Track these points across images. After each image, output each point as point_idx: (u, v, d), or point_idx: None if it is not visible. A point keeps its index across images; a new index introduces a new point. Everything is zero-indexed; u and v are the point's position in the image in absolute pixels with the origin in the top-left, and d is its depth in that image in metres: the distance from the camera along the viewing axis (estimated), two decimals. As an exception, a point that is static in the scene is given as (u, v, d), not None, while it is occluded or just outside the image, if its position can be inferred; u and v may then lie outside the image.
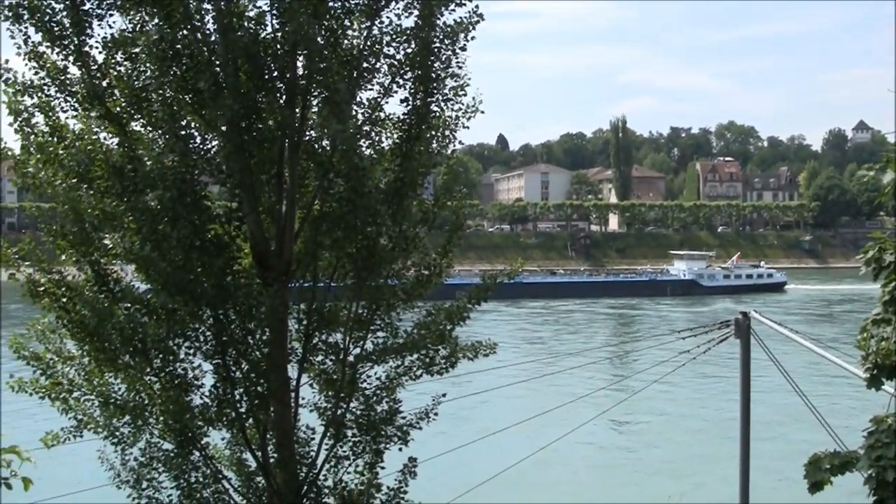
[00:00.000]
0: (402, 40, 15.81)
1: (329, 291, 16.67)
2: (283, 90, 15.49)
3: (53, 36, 15.22)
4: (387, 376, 16.79)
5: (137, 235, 15.04)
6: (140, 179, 14.64)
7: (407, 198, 15.96)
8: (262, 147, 15.40)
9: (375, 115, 16.10)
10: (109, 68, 15.61)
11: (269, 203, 15.93)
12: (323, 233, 15.79)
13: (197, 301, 15.19)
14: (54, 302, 15.62)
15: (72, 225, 15.25)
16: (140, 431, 16.26)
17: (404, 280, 16.77)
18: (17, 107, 15.70)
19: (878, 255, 9.79)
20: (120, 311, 15.45)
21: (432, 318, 16.72)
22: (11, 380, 16.57)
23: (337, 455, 16.74)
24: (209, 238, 15.25)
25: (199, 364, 15.95)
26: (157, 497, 16.46)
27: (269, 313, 15.42)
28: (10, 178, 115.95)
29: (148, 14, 15.16)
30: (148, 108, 15.38)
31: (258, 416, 16.08)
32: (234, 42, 14.85)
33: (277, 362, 15.84)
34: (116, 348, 15.24)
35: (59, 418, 16.60)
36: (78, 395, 16.48)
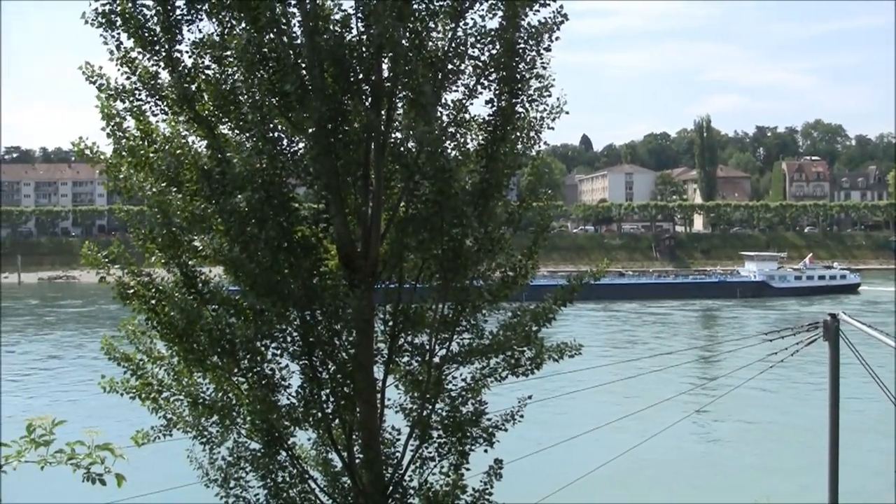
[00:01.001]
0: (487, 41, 15.77)
1: (415, 293, 16.68)
2: (369, 92, 15.58)
3: (145, 42, 15.54)
4: (472, 377, 16.73)
5: (226, 237, 15.22)
6: (229, 182, 14.80)
7: (492, 199, 15.91)
8: (349, 149, 15.50)
9: (460, 116, 16.10)
10: (198, 72, 15.85)
11: (355, 205, 16.03)
12: (409, 234, 15.83)
13: (284, 302, 15.30)
14: (144, 303, 15.87)
15: (161, 227, 15.46)
16: (228, 431, 16.43)
17: (490, 281, 16.71)
18: (109, 111, 16.05)
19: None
20: (208, 312, 15.65)
21: (518, 319, 16.66)
22: (103, 380, 16.91)
23: (422, 456, 16.73)
24: (297, 239, 15.36)
25: (286, 364, 16.06)
26: (244, 496, 16.61)
27: (355, 314, 15.46)
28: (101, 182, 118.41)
29: (235, 18, 15.35)
30: (236, 111, 15.57)
31: (344, 416, 16.14)
32: (319, 45, 15.00)
33: (363, 363, 15.90)
34: (205, 349, 15.44)
35: (150, 417, 16.86)
36: (167, 395, 16.74)
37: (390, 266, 16.27)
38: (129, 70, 15.94)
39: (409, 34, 15.22)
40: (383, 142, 15.69)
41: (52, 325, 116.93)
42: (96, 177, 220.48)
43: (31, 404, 63.61)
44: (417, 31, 15.36)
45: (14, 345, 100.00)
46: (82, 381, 68.47)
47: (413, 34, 15.28)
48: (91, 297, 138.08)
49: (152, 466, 23.74)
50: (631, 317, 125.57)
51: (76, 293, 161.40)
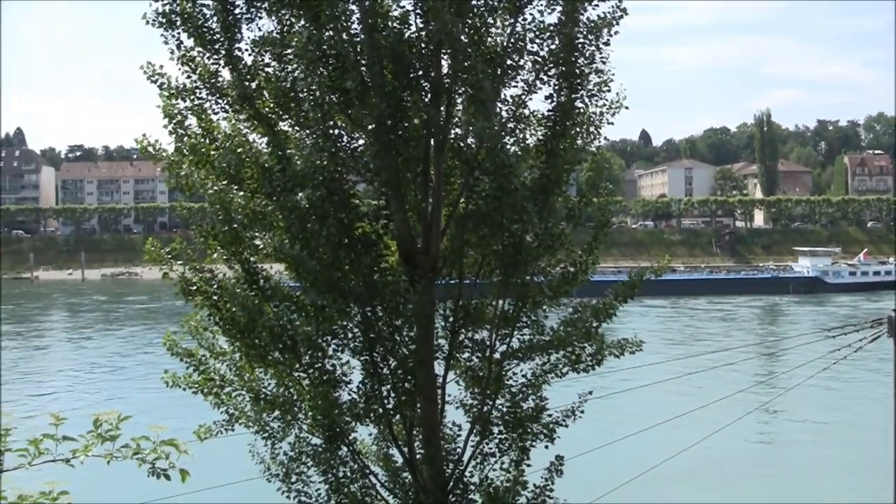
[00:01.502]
0: (546, 37, 15.72)
1: (475, 288, 16.69)
2: (428, 89, 15.58)
3: (205, 41, 15.68)
4: (533, 373, 16.71)
5: (287, 234, 15.29)
6: (289, 179, 14.87)
7: (552, 195, 15.85)
8: (409, 145, 15.54)
9: (519, 112, 16.06)
10: (258, 70, 15.95)
11: (415, 201, 16.06)
12: (469, 230, 15.84)
13: (345, 298, 15.38)
14: (206, 300, 16.00)
15: (222, 224, 15.56)
16: (289, 426, 16.55)
17: (550, 277, 16.68)
18: (170, 110, 16.23)
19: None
20: (270, 308, 15.73)
21: (578, 315, 16.61)
22: (166, 375, 17.10)
23: (483, 452, 16.73)
24: (357, 236, 15.41)
25: (348, 360, 16.12)
26: (305, 491, 16.71)
27: (416, 310, 15.49)
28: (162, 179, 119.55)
29: (295, 16, 15.42)
30: (296, 108, 15.66)
31: (405, 412, 16.18)
32: (379, 42, 15.03)
33: (424, 359, 15.93)
34: (266, 345, 15.52)
35: (213, 412, 17.01)
36: (229, 391, 16.89)
37: (451, 262, 16.29)
38: (189, 69, 16.11)
39: (468, 30, 15.19)
40: (443, 138, 15.70)
41: (120, 321, 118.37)
42: (158, 174, 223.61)
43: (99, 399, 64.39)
44: (476, 27, 15.34)
45: (85, 340, 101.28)
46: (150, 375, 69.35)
47: (472, 30, 15.27)
48: (156, 292, 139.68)
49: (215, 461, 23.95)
50: (683, 313, 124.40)
51: (140, 289, 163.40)
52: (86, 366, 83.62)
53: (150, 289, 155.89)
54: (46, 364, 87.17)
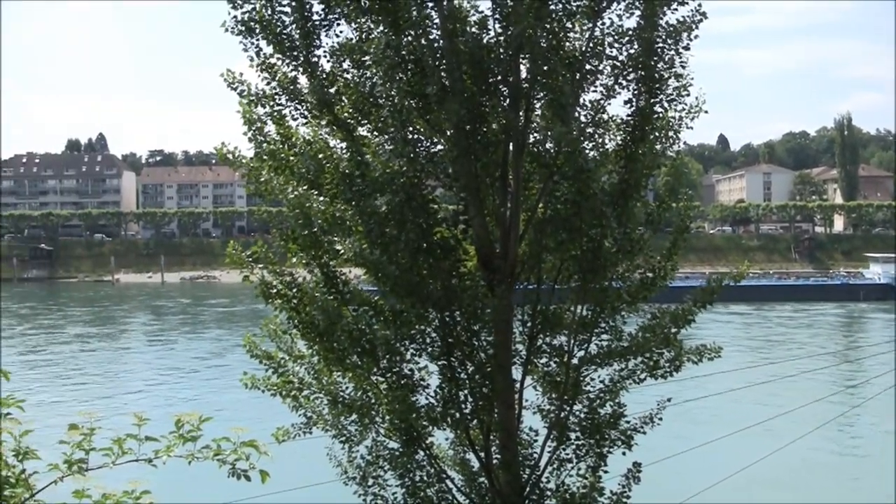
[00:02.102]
0: (625, 41, 15.65)
1: (553, 294, 16.64)
2: (507, 93, 15.56)
3: (283, 48, 15.82)
4: (610, 379, 16.61)
5: (366, 239, 15.37)
6: (369, 184, 14.94)
7: (631, 199, 15.77)
8: (488, 150, 15.55)
9: (598, 116, 15.99)
10: (337, 76, 16.05)
11: (493, 206, 16.03)
12: (547, 235, 15.79)
13: (424, 303, 15.41)
14: (286, 303, 16.12)
15: (302, 229, 15.67)
16: (367, 430, 16.62)
17: (629, 283, 16.60)
18: (250, 116, 16.38)
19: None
20: (348, 312, 15.83)
21: (657, 321, 16.49)
22: (245, 377, 17.26)
23: (560, 458, 16.66)
24: (436, 241, 15.45)
25: (425, 365, 16.16)
26: (382, 494, 16.77)
27: (494, 315, 15.50)
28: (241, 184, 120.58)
29: (374, 22, 15.50)
30: (375, 113, 15.74)
31: (482, 417, 16.15)
32: (458, 47, 15.05)
33: (502, 364, 15.87)
34: (345, 349, 15.60)
35: (291, 415, 17.14)
36: (307, 393, 16.99)
37: (529, 267, 16.24)
38: (268, 76, 16.27)
39: (547, 35, 15.16)
40: (522, 142, 15.66)
41: (205, 324, 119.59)
42: (236, 179, 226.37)
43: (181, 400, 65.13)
44: (555, 32, 15.30)
45: (172, 342, 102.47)
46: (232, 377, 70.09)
47: (550, 34, 15.23)
48: (238, 296, 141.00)
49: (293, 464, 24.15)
50: (749, 320, 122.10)
51: (219, 292, 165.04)
52: (170, 367, 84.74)
53: (228, 292, 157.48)
54: (131, 365, 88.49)
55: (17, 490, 5.76)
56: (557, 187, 15.50)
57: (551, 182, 15.54)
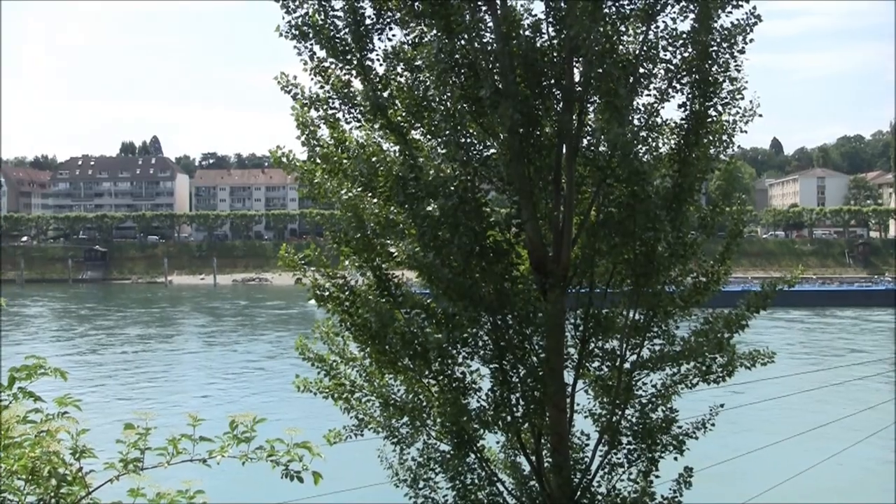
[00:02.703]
0: (679, 45, 15.58)
1: (605, 298, 16.60)
2: (561, 96, 15.52)
3: (337, 51, 15.88)
4: (662, 384, 16.56)
5: (419, 242, 15.42)
6: (422, 188, 14.98)
7: (685, 203, 15.69)
8: (541, 153, 15.53)
9: (652, 120, 15.92)
10: (391, 80, 16.11)
11: (546, 209, 16.01)
12: (600, 239, 15.73)
13: (476, 306, 15.42)
14: (338, 305, 16.20)
15: (355, 231, 15.75)
16: (418, 432, 16.64)
17: (682, 287, 16.52)
18: (304, 120, 16.48)
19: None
20: (401, 315, 15.87)
21: (710, 325, 16.40)
22: (297, 379, 17.37)
23: (611, 462, 16.61)
24: (489, 244, 15.47)
25: (477, 368, 16.16)
26: (433, 497, 16.79)
27: (546, 319, 15.48)
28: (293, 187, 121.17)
29: (427, 26, 15.54)
30: (428, 117, 15.77)
31: (534, 420, 16.11)
32: (512, 50, 15.06)
33: (554, 368, 15.85)
34: (397, 351, 15.64)
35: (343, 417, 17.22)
36: (359, 396, 17.08)
37: (581, 271, 16.20)
38: (322, 79, 16.37)
39: (601, 38, 15.12)
40: (575, 145, 15.64)
41: (264, 326, 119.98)
42: (289, 182, 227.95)
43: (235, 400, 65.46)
44: (608, 35, 15.26)
45: (232, 344, 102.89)
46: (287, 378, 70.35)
47: (604, 38, 15.19)
48: (292, 298, 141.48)
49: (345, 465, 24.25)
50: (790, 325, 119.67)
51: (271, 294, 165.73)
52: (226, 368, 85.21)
53: (280, 294, 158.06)
54: (188, 366, 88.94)
55: (73, 488, 5.83)
56: (611, 190, 15.46)
57: (605, 185, 15.50)
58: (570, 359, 16.46)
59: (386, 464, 17.29)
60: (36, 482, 5.65)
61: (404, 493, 17.04)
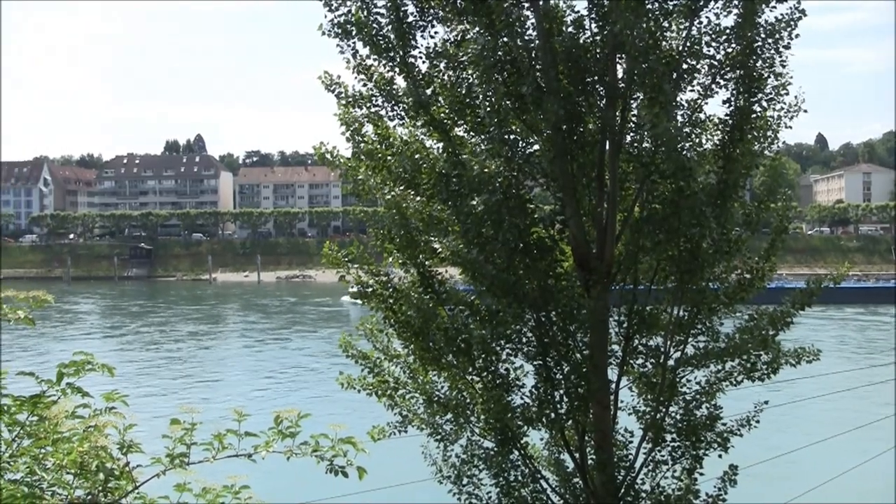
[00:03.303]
0: (722, 40, 15.48)
1: (650, 294, 16.55)
2: (604, 92, 15.48)
3: (380, 49, 15.94)
4: (707, 381, 16.48)
5: (462, 239, 15.44)
6: (465, 184, 14.99)
7: (730, 199, 15.60)
8: (584, 150, 15.50)
9: (695, 116, 15.83)
10: (434, 77, 16.13)
11: (590, 206, 15.98)
12: (644, 235, 15.64)
13: (520, 303, 15.39)
14: (382, 302, 16.26)
15: (399, 228, 15.80)
16: (462, 429, 16.64)
17: (726, 284, 16.43)
18: (347, 118, 16.55)
19: None
20: (444, 312, 15.91)
21: (755, 322, 16.29)
22: (341, 376, 17.45)
23: (655, 459, 16.54)
24: (532, 241, 15.44)
25: (521, 365, 16.15)
26: (476, 494, 16.76)
27: (590, 316, 15.45)
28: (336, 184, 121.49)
29: (469, 23, 15.54)
30: (472, 114, 15.77)
31: (578, 417, 16.06)
32: (554, 47, 15.03)
33: (598, 364, 15.83)
34: (440, 348, 15.67)
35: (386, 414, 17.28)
36: (403, 393, 17.12)
37: (625, 267, 16.14)
38: (365, 77, 16.43)
39: (644, 34, 15.04)
40: (618, 142, 15.59)
41: (314, 322, 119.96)
42: (332, 179, 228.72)
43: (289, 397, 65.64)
44: (651, 31, 15.17)
45: (280, 340, 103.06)
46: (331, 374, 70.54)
47: (647, 33, 15.11)
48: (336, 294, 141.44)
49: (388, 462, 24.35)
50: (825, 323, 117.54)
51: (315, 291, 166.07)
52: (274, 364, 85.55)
53: (324, 291, 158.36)
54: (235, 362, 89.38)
55: (120, 482, 5.88)
56: (655, 187, 15.39)
57: (649, 182, 15.43)
58: (613, 356, 16.42)
59: (430, 460, 17.30)
60: (84, 476, 5.71)
61: (448, 489, 17.05)
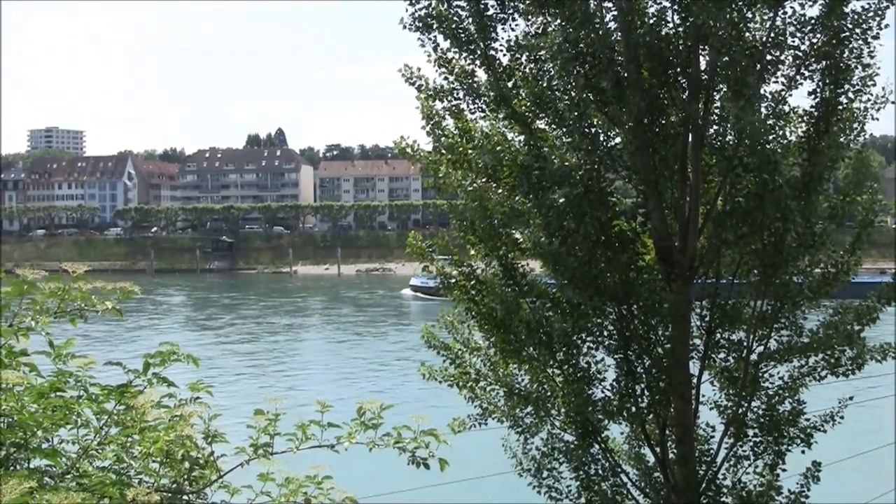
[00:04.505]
0: (807, 30, 15.23)
1: (732, 288, 16.39)
2: (686, 85, 15.34)
3: (460, 42, 15.94)
4: (790, 376, 16.30)
5: (544, 231, 15.43)
6: (547, 177, 14.95)
7: (814, 192, 15.40)
8: (667, 142, 15.39)
9: (779, 108, 15.64)
10: (515, 70, 16.12)
11: (672, 199, 15.87)
12: (727, 229, 15.47)
13: (602, 296, 15.34)
14: (464, 294, 16.33)
15: (481, 221, 15.86)
16: (542, 422, 16.64)
17: (810, 278, 16.24)
18: (429, 111, 16.62)
19: None
20: (526, 304, 15.93)
21: (839, 317, 16.08)
22: (422, 367, 17.56)
23: (737, 454, 16.38)
24: (614, 234, 15.39)
25: (602, 358, 16.12)
26: (556, 487, 16.76)
27: (672, 309, 15.33)
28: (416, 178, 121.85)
29: (550, 16, 15.51)
30: (553, 106, 15.73)
31: (659, 411, 15.96)
32: (635, 39, 14.94)
33: (680, 358, 15.72)
34: (522, 340, 15.70)
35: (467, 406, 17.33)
36: (483, 385, 17.14)
37: (707, 261, 16.01)
38: (446, 70, 16.46)
39: (727, 25, 14.89)
40: (701, 134, 15.46)
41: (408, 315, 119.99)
42: (412, 173, 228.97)
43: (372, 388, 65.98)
44: (734, 22, 15.01)
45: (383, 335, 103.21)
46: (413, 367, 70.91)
47: (731, 25, 14.95)
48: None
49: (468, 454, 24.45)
50: None
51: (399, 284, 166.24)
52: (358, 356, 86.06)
53: (404, 283, 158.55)
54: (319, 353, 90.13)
55: (205, 471, 6.01)
56: (738, 180, 15.21)
57: (732, 174, 15.27)
58: (695, 350, 16.30)
59: (510, 453, 17.33)
60: (170, 465, 5.84)
61: (528, 482, 17.07)
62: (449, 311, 17.77)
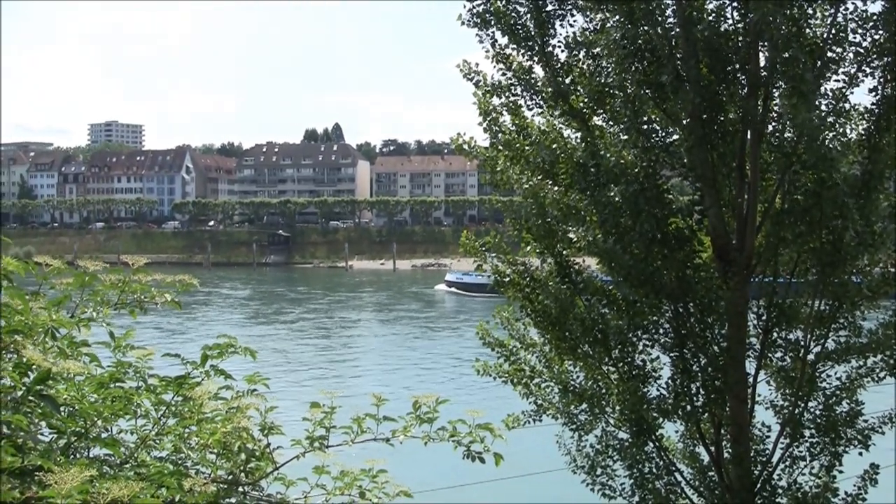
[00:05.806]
0: (869, 27, 15.05)
1: (790, 287, 16.24)
2: (745, 81, 15.22)
3: (518, 38, 15.97)
4: (847, 376, 16.13)
5: (600, 229, 15.39)
6: (603, 174, 14.91)
7: (875, 191, 15.20)
8: (724, 140, 15.29)
9: (840, 105, 15.46)
10: (572, 67, 16.10)
11: (730, 196, 15.74)
12: (785, 227, 15.34)
13: (657, 293, 15.28)
14: (518, 291, 16.35)
15: (537, 218, 15.86)
16: (596, 419, 16.60)
17: (869, 277, 16.04)
18: (486, 107, 16.65)
19: None
20: (581, 301, 15.90)
21: (900, 317, 15.90)
22: (477, 363, 17.59)
23: (793, 455, 16.23)
24: (670, 231, 15.31)
25: (657, 356, 16.06)
26: (610, 484, 16.72)
27: (728, 308, 15.24)
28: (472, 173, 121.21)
29: (609, 12, 15.46)
30: (610, 103, 15.70)
31: (714, 410, 15.86)
32: (694, 35, 14.85)
33: (736, 357, 15.59)
34: (577, 338, 15.69)
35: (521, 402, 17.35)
36: (538, 381, 17.16)
37: (765, 259, 15.87)
38: (504, 66, 16.50)
39: (787, 21, 14.75)
40: (760, 131, 15.31)
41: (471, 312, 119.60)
42: (468, 168, 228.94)
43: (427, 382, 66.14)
44: (795, 18, 14.86)
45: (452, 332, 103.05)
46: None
47: (791, 21, 14.81)
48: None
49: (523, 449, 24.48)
50: None
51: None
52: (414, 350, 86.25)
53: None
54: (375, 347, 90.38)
55: (261, 463, 6.05)
56: (797, 177, 15.07)
57: (790, 172, 15.13)
58: (751, 349, 16.16)
59: (564, 450, 17.32)
60: (226, 456, 5.90)
61: (581, 479, 17.05)
62: (504, 307, 17.76)
